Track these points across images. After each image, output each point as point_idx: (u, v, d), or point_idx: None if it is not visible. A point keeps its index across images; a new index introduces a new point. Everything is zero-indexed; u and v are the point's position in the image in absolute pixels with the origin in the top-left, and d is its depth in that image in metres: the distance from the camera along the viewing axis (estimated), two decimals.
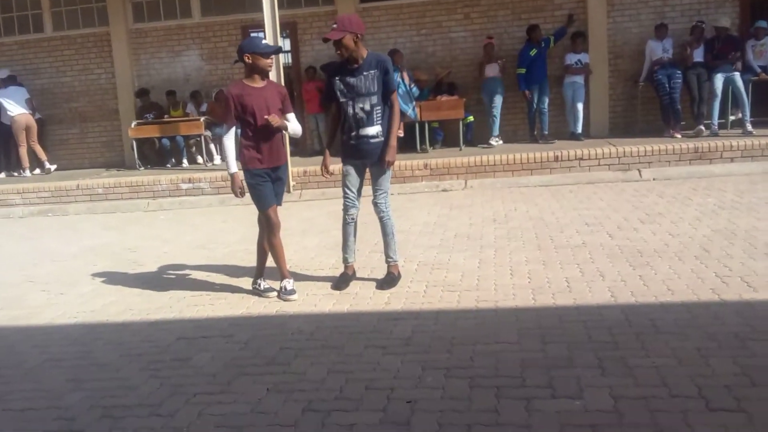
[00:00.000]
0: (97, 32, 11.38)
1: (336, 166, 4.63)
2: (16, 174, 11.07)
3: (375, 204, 4.52)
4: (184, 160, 10.65)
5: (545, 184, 8.16)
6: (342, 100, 4.37)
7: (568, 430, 2.52)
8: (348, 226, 4.59)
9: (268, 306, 4.39)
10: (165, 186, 9.24)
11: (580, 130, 9.66)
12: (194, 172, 9.53)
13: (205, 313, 4.37)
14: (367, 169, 4.55)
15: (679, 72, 9.11)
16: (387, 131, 4.40)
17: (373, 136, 4.37)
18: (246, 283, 4.88)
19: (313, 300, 4.43)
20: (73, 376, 3.49)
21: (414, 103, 9.30)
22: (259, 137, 4.37)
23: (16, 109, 10.78)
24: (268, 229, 4.54)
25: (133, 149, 10.60)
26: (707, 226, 5.47)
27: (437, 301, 4.19)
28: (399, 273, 4.66)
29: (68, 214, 9.24)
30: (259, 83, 4.38)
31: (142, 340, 3.97)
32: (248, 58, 4.29)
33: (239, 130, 4.43)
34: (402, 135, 9.35)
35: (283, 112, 4.48)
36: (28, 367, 3.69)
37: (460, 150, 9.52)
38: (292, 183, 8.74)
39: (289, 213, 7.73)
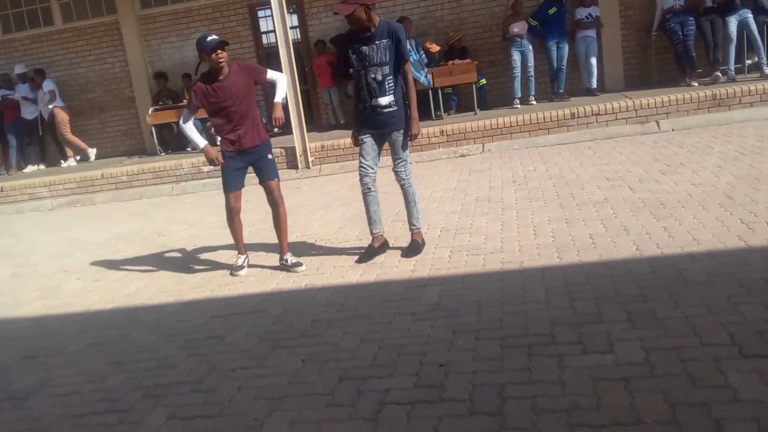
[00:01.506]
0: (107, 21, 11.41)
1: None
2: (78, 158, 11.40)
3: (395, 172, 4.54)
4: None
5: (563, 142, 8.10)
6: (356, 69, 4.38)
7: (602, 384, 2.56)
8: (366, 196, 4.60)
9: (297, 281, 4.47)
10: (187, 170, 9.33)
11: (595, 85, 9.54)
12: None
13: (237, 290, 4.47)
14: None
15: (692, 19, 8.88)
16: (406, 103, 4.40)
17: (385, 106, 4.36)
18: (273, 259, 4.96)
19: (340, 272, 4.49)
20: (114, 359, 3.60)
21: (426, 70, 9.24)
22: (227, 124, 4.60)
23: (58, 101, 11.09)
24: (226, 212, 4.78)
25: (152, 135, 10.69)
26: (730, 173, 5.42)
27: (463, 266, 4.22)
28: (423, 240, 4.69)
29: (95, 203, 9.40)
30: (219, 76, 4.50)
31: (178, 320, 4.08)
32: (202, 58, 4.50)
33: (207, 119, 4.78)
34: None
35: (259, 81, 4.67)
36: (70, 352, 3.81)
37: (475, 114, 9.45)
38: (310, 158, 8.78)
39: (310, 188, 7.81)
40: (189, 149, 10.59)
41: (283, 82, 4.76)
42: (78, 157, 11.40)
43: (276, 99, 4.67)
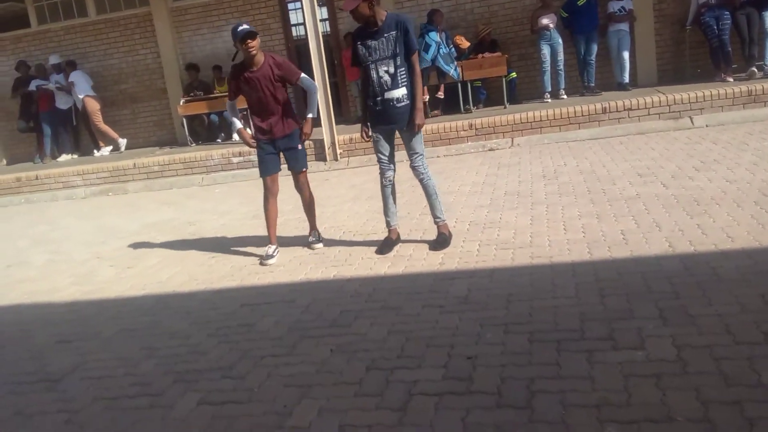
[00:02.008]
0: (139, 13, 11.56)
1: None
2: (111, 148, 11.59)
3: (413, 168, 4.54)
4: (234, 135, 10.78)
5: (594, 137, 8.01)
6: (365, 64, 4.37)
7: (632, 380, 2.54)
8: (385, 188, 4.63)
9: (326, 271, 4.49)
10: (217, 161, 9.43)
11: (627, 79, 9.41)
12: (244, 145, 9.65)
13: (266, 280, 4.51)
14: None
15: (728, 13, 8.69)
16: (412, 94, 4.38)
17: (398, 99, 4.33)
18: (302, 250, 5.01)
19: (368, 263, 4.51)
20: (146, 345, 3.67)
21: (455, 63, 9.20)
22: (259, 113, 4.77)
23: (88, 91, 11.27)
24: (263, 195, 4.96)
25: (183, 126, 10.81)
26: (765, 170, 5.31)
27: (491, 259, 4.21)
28: (450, 233, 4.68)
29: (127, 192, 9.55)
30: (252, 66, 4.63)
31: (209, 308, 4.13)
32: (236, 47, 4.63)
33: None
34: (427, 99, 9.08)
35: (288, 82, 4.74)
36: (104, 337, 3.89)
37: (505, 108, 9.39)
38: (339, 151, 8.81)
39: (338, 180, 7.84)
40: (219, 140, 10.71)
41: (315, 94, 4.82)
42: (110, 147, 11.58)
43: (308, 114, 4.82)
